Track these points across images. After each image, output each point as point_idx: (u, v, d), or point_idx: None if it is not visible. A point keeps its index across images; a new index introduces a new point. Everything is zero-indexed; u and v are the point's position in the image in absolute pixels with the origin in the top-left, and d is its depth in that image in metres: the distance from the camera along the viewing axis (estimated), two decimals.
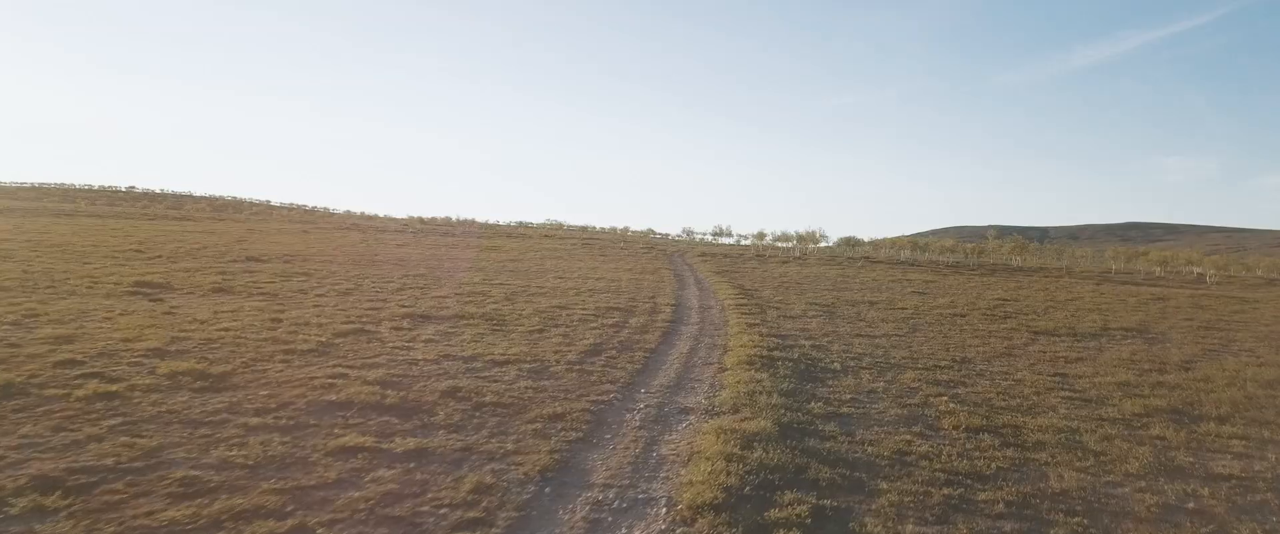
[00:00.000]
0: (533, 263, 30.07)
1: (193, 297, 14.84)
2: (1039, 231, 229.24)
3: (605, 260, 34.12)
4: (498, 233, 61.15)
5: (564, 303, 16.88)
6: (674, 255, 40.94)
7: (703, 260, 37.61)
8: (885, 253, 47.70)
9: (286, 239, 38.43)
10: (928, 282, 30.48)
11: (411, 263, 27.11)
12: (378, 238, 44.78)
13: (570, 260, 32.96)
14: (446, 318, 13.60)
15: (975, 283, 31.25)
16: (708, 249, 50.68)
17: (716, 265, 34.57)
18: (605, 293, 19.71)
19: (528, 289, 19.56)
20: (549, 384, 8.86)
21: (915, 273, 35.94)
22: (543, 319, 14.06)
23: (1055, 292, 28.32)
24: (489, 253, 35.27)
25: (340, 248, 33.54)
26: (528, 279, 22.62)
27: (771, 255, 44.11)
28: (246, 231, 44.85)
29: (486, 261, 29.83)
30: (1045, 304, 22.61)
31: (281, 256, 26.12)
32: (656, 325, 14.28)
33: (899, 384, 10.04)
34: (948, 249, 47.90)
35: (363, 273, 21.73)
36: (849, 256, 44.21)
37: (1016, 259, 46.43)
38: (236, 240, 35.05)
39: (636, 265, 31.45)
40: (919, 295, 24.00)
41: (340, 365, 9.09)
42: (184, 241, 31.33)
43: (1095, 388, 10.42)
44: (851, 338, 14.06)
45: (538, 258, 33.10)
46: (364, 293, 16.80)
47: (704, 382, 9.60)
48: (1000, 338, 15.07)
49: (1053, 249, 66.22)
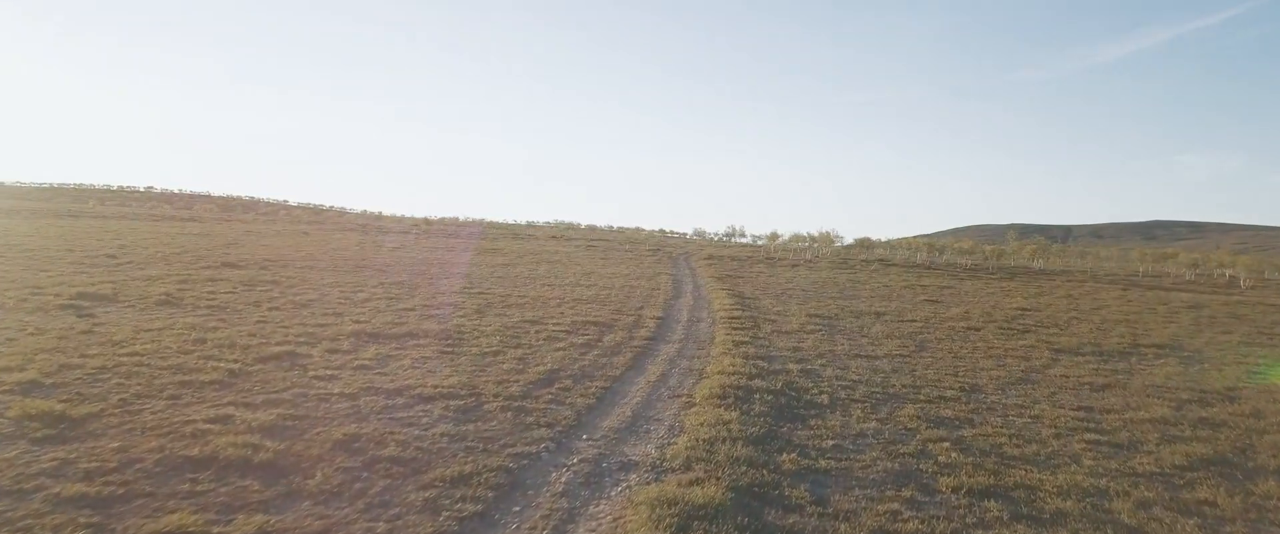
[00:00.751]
0: (526, 268, 28.77)
1: (132, 311, 13.63)
2: (1062, 230, 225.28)
3: (605, 264, 32.77)
4: (504, 234, 59.98)
5: (539, 316, 15.53)
6: (680, 258, 39.52)
7: (708, 263, 36.16)
8: (901, 255, 46.01)
9: (280, 242, 37.40)
10: (943, 288, 28.86)
11: (397, 268, 25.89)
12: (377, 240, 43.70)
13: (567, 265, 31.63)
14: (397, 336, 12.28)
15: (993, 289, 29.59)
16: (718, 250, 49.19)
17: (721, 269, 33.11)
18: (590, 303, 18.35)
19: (507, 299, 18.23)
20: (473, 428, 7.51)
21: (930, 277, 34.29)
22: (505, 337, 12.71)
23: (1079, 298, 26.63)
24: (484, 257, 34.01)
25: (332, 252, 32.41)
26: (512, 287, 21.29)
27: (781, 258, 42.57)
28: (244, 233, 43.94)
29: (478, 267, 28.56)
30: (1068, 314, 20.98)
31: (260, 262, 24.97)
32: (632, 344, 12.89)
33: (894, 423, 8.60)
34: (965, 251, 46.10)
35: (338, 281, 20.50)
36: (863, 259, 42.56)
37: (1038, 262, 44.57)
38: (227, 243, 34.04)
39: (635, 270, 30.07)
40: (931, 304, 22.43)
41: (235, 403, 7.78)
42: (170, 245, 30.32)
43: (1126, 426, 8.93)
44: (849, 359, 12.59)
45: (533, 263, 31.80)
46: (323, 305, 15.54)
47: (663, 422, 8.21)
48: (1017, 357, 13.55)
49: (1076, 250, 64.14)
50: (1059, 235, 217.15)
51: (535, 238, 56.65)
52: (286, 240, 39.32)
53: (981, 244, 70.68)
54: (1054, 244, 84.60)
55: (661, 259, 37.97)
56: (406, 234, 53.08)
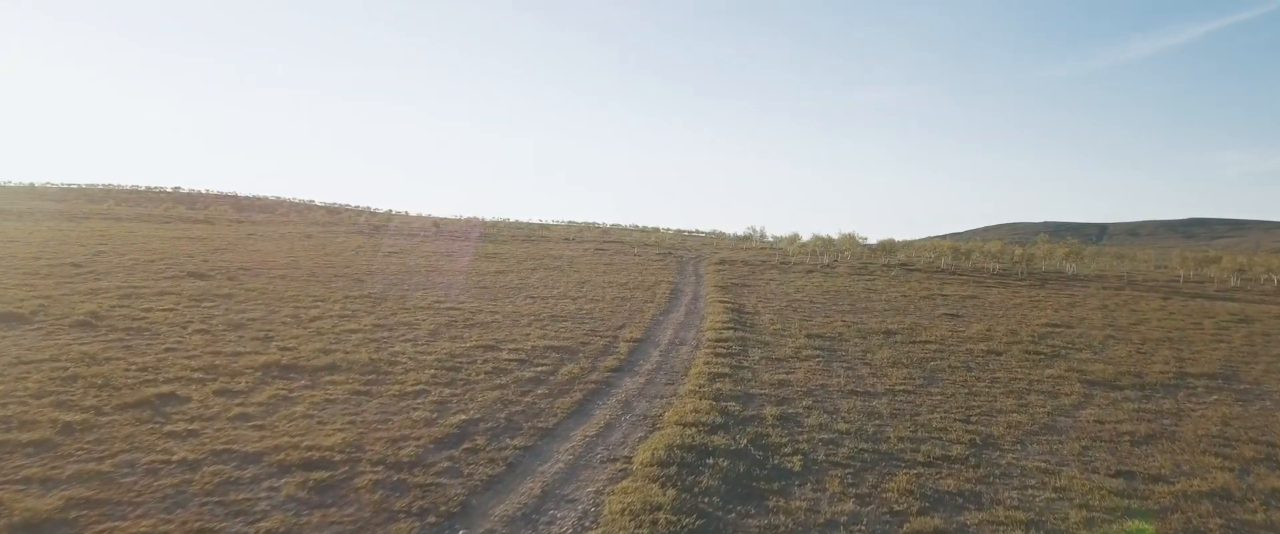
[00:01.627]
0: (518, 277, 27.12)
1: (36, 333, 12.14)
2: (1097, 228, 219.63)
3: (606, 271, 31.04)
4: (516, 235, 58.49)
5: (498, 339, 13.82)
6: (689, 262, 37.66)
7: (718, 269, 34.27)
8: (926, 258, 43.69)
9: (275, 246, 36.15)
10: (965, 298, 26.73)
11: (378, 277, 24.36)
12: (379, 243, 42.36)
13: (565, 272, 29.94)
14: (315, 369, 10.63)
15: (1021, 298, 27.40)
16: (734, 253, 47.25)
17: (730, 275, 31.23)
18: (567, 320, 16.62)
19: (473, 317, 16.55)
20: (317, 519, 5.79)
21: (953, 285, 32.12)
22: (441, 370, 11.00)
23: (1115, 310, 24.39)
24: (480, 262, 32.41)
25: (323, 257, 31.02)
26: (489, 300, 19.62)
27: (798, 262, 40.55)
28: (245, 236, 42.82)
29: (467, 275, 26.96)
30: (1103, 332, 18.85)
31: (233, 270, 23.56)
32: (589, 379, 11.12)
33: (879, 502, 6.76)
34: (993, 255, 43.67)
35: (300, 293, 18.97)
36: (883, 264, 40.37)
37: (1070, 266, 42.07)
38: (215, 249, 32.82)
39: (635, 278, 28.29)
40: (951, 319, 20.39)
41: (26, 479, 6.14)
42: (152, 251, 29.11)
43: (1178, 502, 7.01)
44: (842, 398, 10.73)
45: (529, 270, 30.14)
46: (260, 327, 13.95)
47: (577, 506, 6.44)
48: (1043, 393, 11.59)
49: (1111, 252, 61.31)
50: (1093, 234, 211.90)
51: (547, 240, 55.09)
52: (283, 244, 38.09)
53: (1011, 245, 67.94)
54: (1088, 245, 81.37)
55: (669, 265, 36.14)
56: (414, 236, 51.77)
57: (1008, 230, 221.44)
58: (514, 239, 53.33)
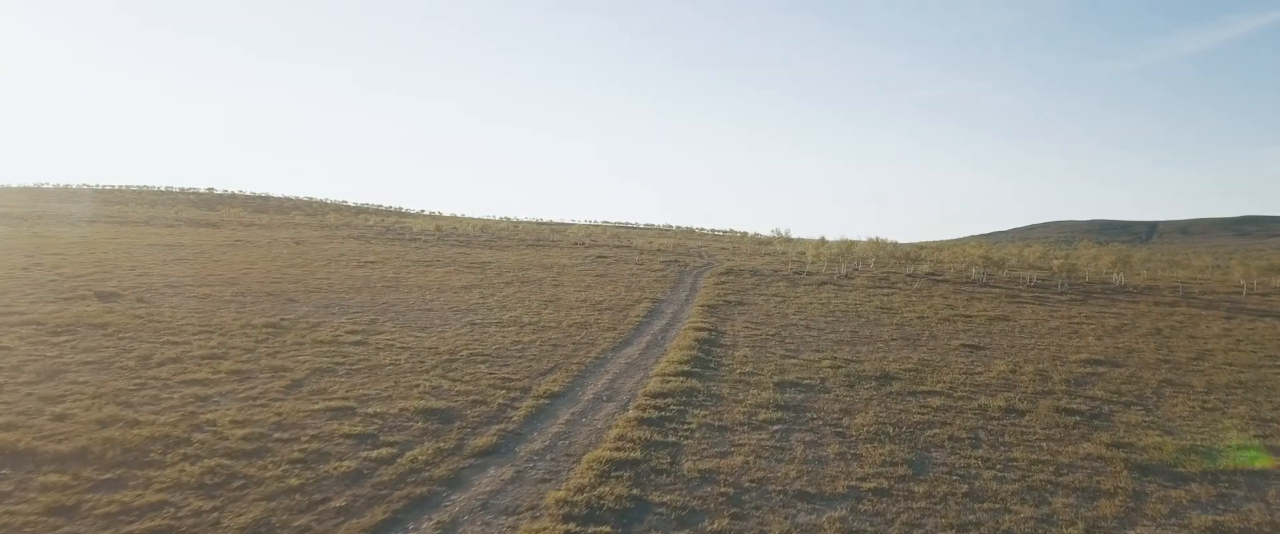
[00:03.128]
0: (479, 294, 24.24)
1: None
2: (1146, 226, 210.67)
3: (588, 286, 28.03)
4: (526, 238, 55.77)
5: (367, 396, 10.88)
6: (690, 273, 34.46)
7: (718, 282, 31.05)
8: (957, 265, 39.89)
9: (244, 255, 33.79)
10: (993, 320, 23.20)
11: (319, 294, 21.64)
12: (362, 251, 39.86)
13: (542, 286, 27.00)
14: (41, 459, 7.77)
15: (1060, 319, 23.79)
16: (748, 260, 43.97)
17: (727, 290, 28.00)
18: (482, 362, 13.65)
19: (369, 359, 13.63)
20: None
21: (982, 301, 28.52)
22: (228, 460, 8.06)
23: (1170, 336, 20.71)
24: (451, 274, 29.59)
25: (282, 269, 28.48)
26: (413, 330, 16.72)
27: (814, 271, 37.11)
28: (228, 243, 40.61)
29: (424, 290, 24.14)
30: (1157, 373, 15.34)
31: (158, 289, 21.02)
32: (425, 478, 8.10)
33: None
34: (1031, 263, 39.73)
35: (198, 321, 16.26)
36: (907, 275, 36.69)
37: (1117, 275, 38.04)
38: (177, 259, 30.50)
39: (613, 296, 25.21)
40: (970, 353, 17.00)
41: None
42: (101, 260, 26.81)
43: None
44: (780, 507, 7.57)
45: (501, 284, 27.24)
46: (67, 378, 11.18)
47: None
48: (1074, 489, 8.31)
49: (1163, 257, 56.58)
50: (1142, 232, 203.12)
51: (556, 245, 52.31)
52: (261, 252, 35.75)
53: (1052, 249, 63.41)
54: (1136, 247, 76.13)
55: (666, 276, 32.99)
56: (413, 241, 49.30)
57: (1053, 229, 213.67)
58: (521, 243, 50.56)
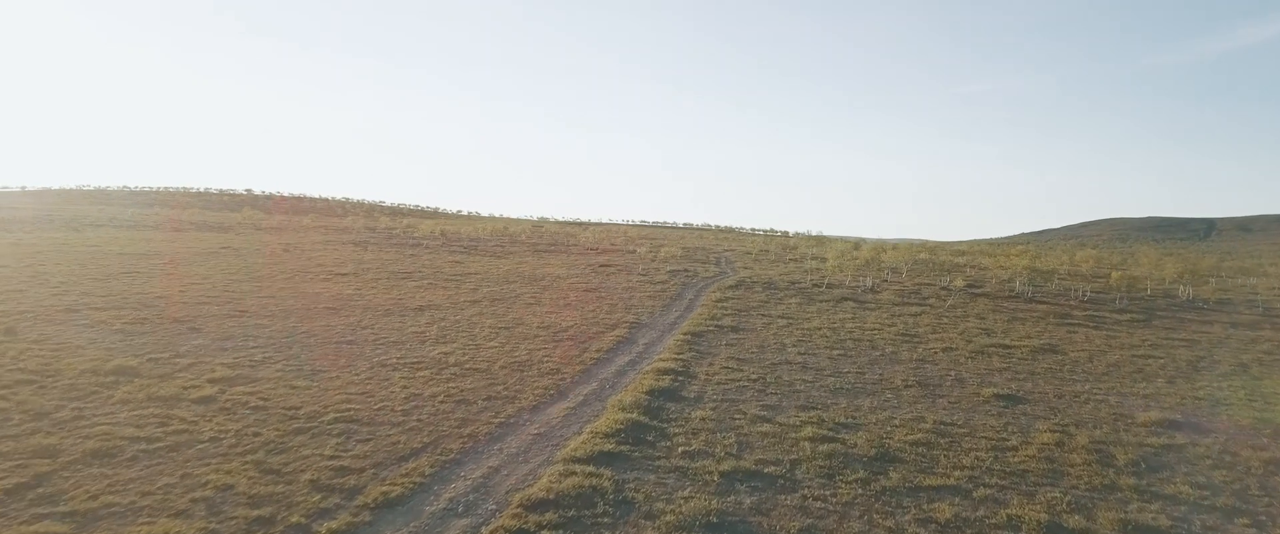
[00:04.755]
0: (425, 319, 21.02)
1: None
2: (1204, 223, 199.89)
3: (566, 305, 24.64)
4: (531, 245, 52.66)
5: (93, 515, 7.61)
6: (694, 285, 30.85)
7: (725, 297, 27.42)
8: (998, 275, 35.62)
9: (206, 268, 31.07)
10: (1040, 352, 19.26)
11: (244, 317, 18.59)
12: (344, 258, 36.99)
13: (504, 307, 23.69)
14: None
15: (1120, 351, 19.76)
16: (766, 269, 40.20)
17: (729, 308, 24.38)
18: (346, 431, 10.34)
19: (179, 434, 10.39)
20: None
21: (1027, 322, 24.48)
22: None
23: (1263, 378, 16.64)
24: (417, 291, 26.42)
25: (232, 286, 25.64)
26: (303, 375, 13.47)
27: (834, 284, 33.24)
28: (214, 250, 38.04)
29: (367, 311, 20.96)
30: (1260, 450, 11.42)
31: (51, 311, 18.14)
32: None
33: None
34: (1082, 275, 35.32)
35: (44, 365, 13.22)
36: (941, 288, 32.57)
37: (1184, 287, 33.48)
38: (127, 271, 27.81)
39: (586, 318, 21.76)
40: (1004, 409, 13.23)
41: None
42: (42, 275, 24.19)
43: None
44: None
45: (463, 303, 23.98)
46: None
47: None
48: None
49: (1232, 263, 51.36)
50: (1201, 229, 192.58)
51: (568, 250, 49.11)
52: (226, 263, 33.06)
53: (1106, 252, 58.31)
54: (1194, 244, 70.23)
55: (665, 291, 29.43)
56: (414, 246, 46.42)
57: (1106, 226, 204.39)
58: (532, 249, 47.37)
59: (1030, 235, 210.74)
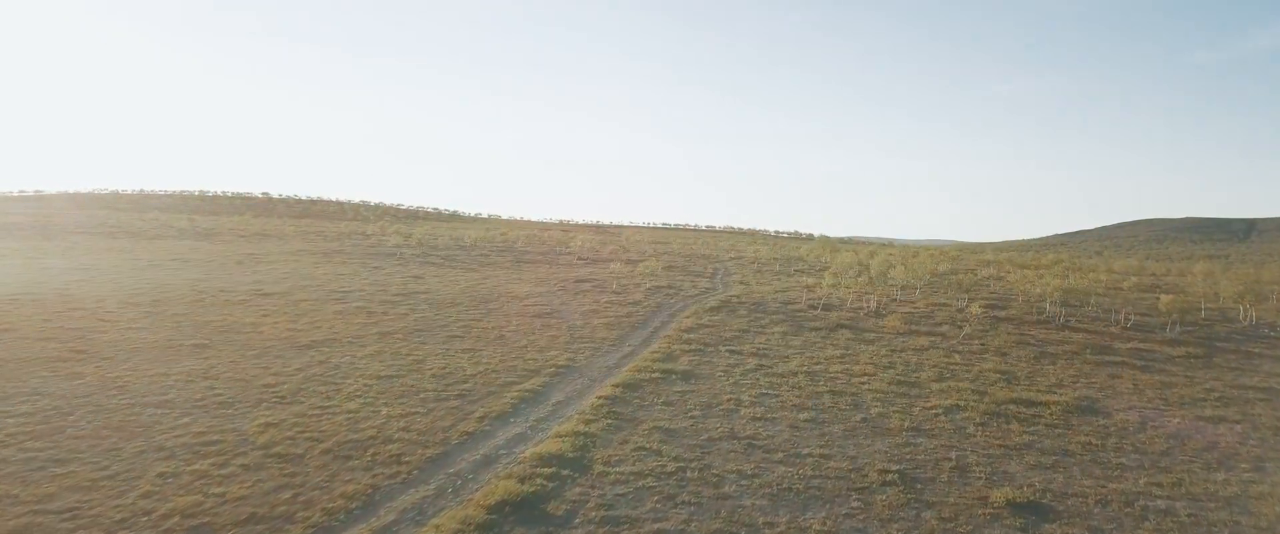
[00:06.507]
0: (327, 354, 17.15)
1: None
2: (1244, 224, 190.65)
3: (510, 333, 20.68)
4: (522, 254, 49.02)
5: None
6: (670, 306, 26.71)
7: (698, 323, 23.27)
8: (1025, 291, 31.00)
9: (117, 286, 27.55)
10: (1075, 412, 14.93)
11: (98, 354, 14.84)
12: (290, 273, 33.37)
13: (430, 339, 19.78)
14: None
15: (1181, 413, 15.38)
16: (768, 281, 36.00)
17: (695, 340, 20.25)
18: None
19: None
20: None
21: (1059, 362, 20.09)
22: None
23: None
24: (334, 319, 22.58)
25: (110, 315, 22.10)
26: (9, 467, 9.61)
27: (834, 305, 28.94)
28: (156, 263, 34.67)
29: (252, 349, 17.14)
30: None
31: None
32: None
33: None
34: (1125, 290, 30.60)
35: None
36: (956, 311, 28.04)
37: (1244, 308, 28.70)
38: (14, 292, 24.32)
39: (516, 355, 17.75)
40: (1018, 531, 8.98)
41: None
42: None
43: None
44: None
45: (375, 336, 20.08)
46: None
47: None
48: None
49: None
50: (1240, 230, 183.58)
51: (552, 261, 45.26)
52: (153, 278, 29.56)
53: (1149, 264, 53.21)
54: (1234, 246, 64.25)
55: (630, 316, 25.33)
56: (390, 256, 42.81)
57: (1143, 227, 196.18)
58: (516, 260, 43.47)
59: (1064, 236, 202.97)
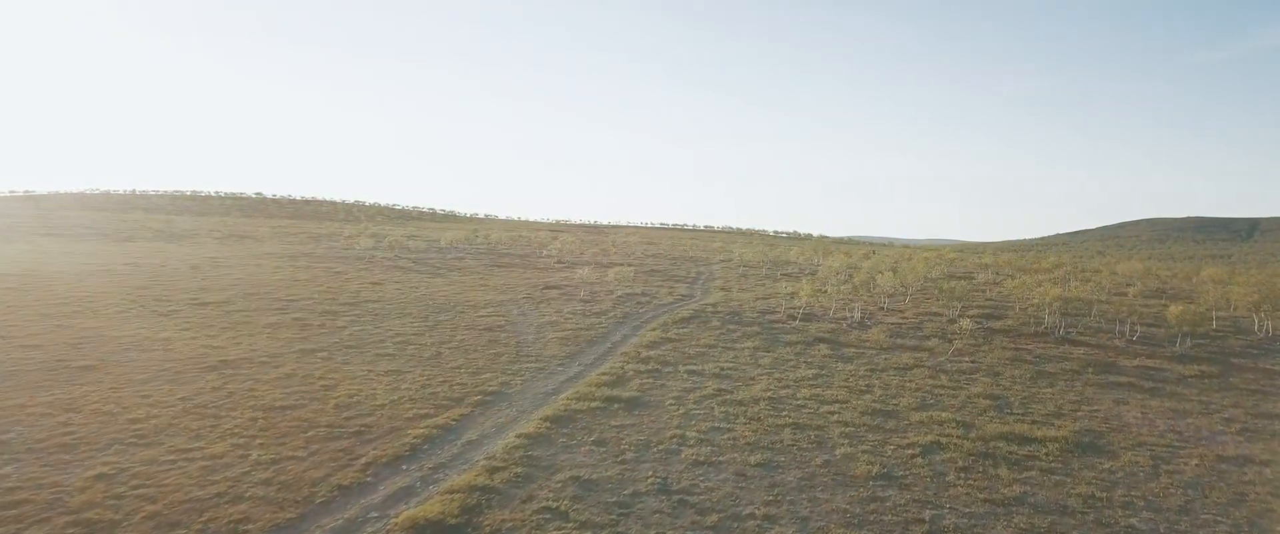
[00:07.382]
0: (252, 377, 15.09)
1: None
2: (1247, 223, 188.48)
3: (437, 359, 18.65)
4: (500, 257, 46.98)
5: None
6: (636, 316, 24.61)
7: (661, 338, 21.20)
8: (1023, 301, 28.91)
9: (41, 293, 25.50)
10: (1076, 451, 12.86)
11: None
12: (273, 274, 31.33)
13: (360, 353, 17.72)
14: None
15: (1197, 449, 13.31)
16: (753, 287, 33.94)
17: (654, 359, 18.18)
18: None
19: None
20: None
21: (1060, 382, 18.00)
22: None
23: None
24: (251, 338, 20.54)
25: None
26: None
27: (814, 315, 26.86)
28: (120, 263, 32.65)
29: (162, 368, 15.08)
30: None
31: None
32: None
33: None
34: (1129, 302, 28.48)
35: None
36: (948, 321, 25.95)
37: (1261, 319, 26.60)
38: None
39: (437, 377, 15.65)
40: None
41: None
42: None
43: None
44: None
45: (294, 355, 18.04)
46: None
47: None
48: None
49: None
50: (1243, 229, 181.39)
51: (529, 264, 43.25)
52: (89, 287, 27.52)
53: (1155, 267, 51.11)
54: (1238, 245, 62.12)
55: (589, 329, 23.26)
56: (358, 260, 40.77)
57: (1145, 226, 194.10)
58: (492, 264, 41.41)
59: (1066, 236, 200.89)
